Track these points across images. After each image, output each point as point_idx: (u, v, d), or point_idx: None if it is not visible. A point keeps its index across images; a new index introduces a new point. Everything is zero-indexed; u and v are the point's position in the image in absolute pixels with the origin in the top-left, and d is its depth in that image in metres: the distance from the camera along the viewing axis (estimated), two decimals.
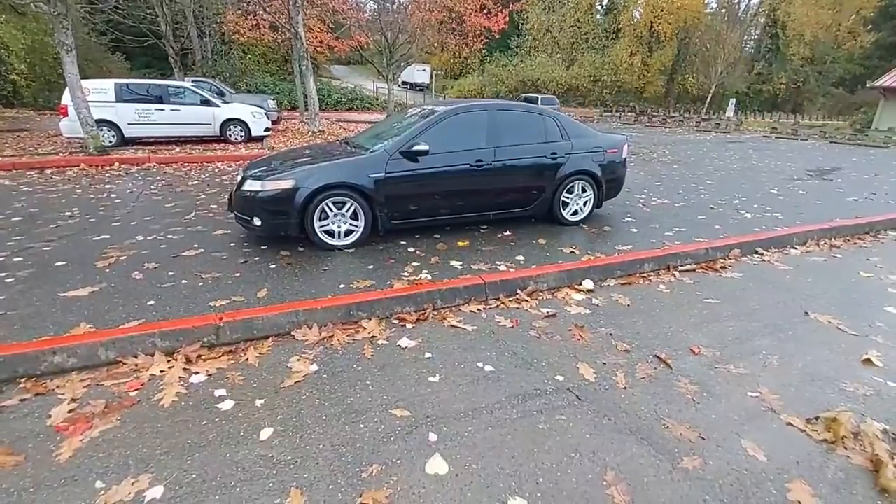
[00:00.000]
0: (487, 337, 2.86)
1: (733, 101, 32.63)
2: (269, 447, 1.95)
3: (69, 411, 2.13)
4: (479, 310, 3.19)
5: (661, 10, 38.05)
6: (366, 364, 2.54)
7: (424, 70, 37.48)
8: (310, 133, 12.55)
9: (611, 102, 37.39)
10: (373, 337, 2.80)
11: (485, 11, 19.66)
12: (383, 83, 22.07)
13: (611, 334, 2.94)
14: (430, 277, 3.55)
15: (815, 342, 2.97)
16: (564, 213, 5.06)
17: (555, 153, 4.84)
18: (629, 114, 30.26)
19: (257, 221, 4.08)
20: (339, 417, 2.13)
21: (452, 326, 2.96)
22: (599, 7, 44.61)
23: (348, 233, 4.22)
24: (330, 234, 4.16)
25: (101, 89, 10.12)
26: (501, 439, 2.02)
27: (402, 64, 24.04)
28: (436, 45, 21.81)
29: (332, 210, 4.10)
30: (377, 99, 28.13)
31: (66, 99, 9.21)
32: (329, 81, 29.33)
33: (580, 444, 2.01)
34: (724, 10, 43.91)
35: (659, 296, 3.57)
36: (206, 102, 11.19)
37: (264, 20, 16.72)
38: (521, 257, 4.06)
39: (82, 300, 3.14)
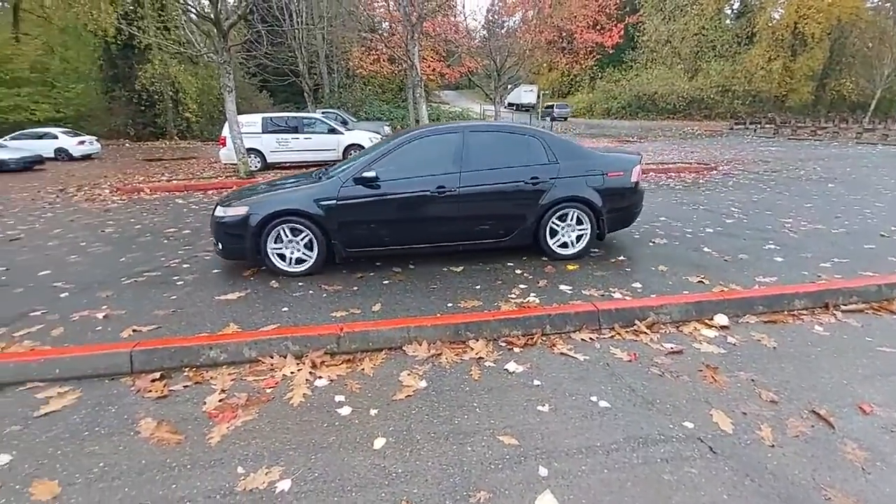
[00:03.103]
0: (601, 369, 2.67)
1: None
2: (381, 457, 2.02)
3: (219, 400, 2.46)
4: (591, 339, 3.01)
5: (808, 9, 33.40)
6: (473, 385, 2.53)
7: (531, 90, 37.56)
8: None
9: (743, 114, 33.53)
10: (480, 358, 2.79)
11: (597, 27, 19.15)
12: (490, 105, 22.56)
13: (752, 380, 2.55)
14: (538, 301, 3.45)
15: None
16: (553, 244, 4.42)
17: (536, 177, 4.26)
18: (767, 126, 26.76)
19: (220, 245, 4.23)
20: (448, 437, 2.13)
21: (562, 354, 2.82)
22: (729, 11, 40.67)
23: (300, 260, 4.16)
24: (291, 260, 4.16)
25: (251, 122, 11.90)
26: (620, 485, 1.84)
27: (510, 86, 24.41)
28: (544, 64, 21.75)
29: (286, 236, 4.07)
30: (484, 121, 28.84)
31: (226, 131, 10.98)
32: (438, 106, 30.87)
33: None
34: (888, 4, 37.06)
35: (815, 339, 3.02)
36: (332, 131, 12.51)
37: (384, 54, 18.28)
38: (637, 284, 3.76)
39: (232, 303, 3.64)
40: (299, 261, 4.18)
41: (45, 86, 24.46)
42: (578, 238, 4.44)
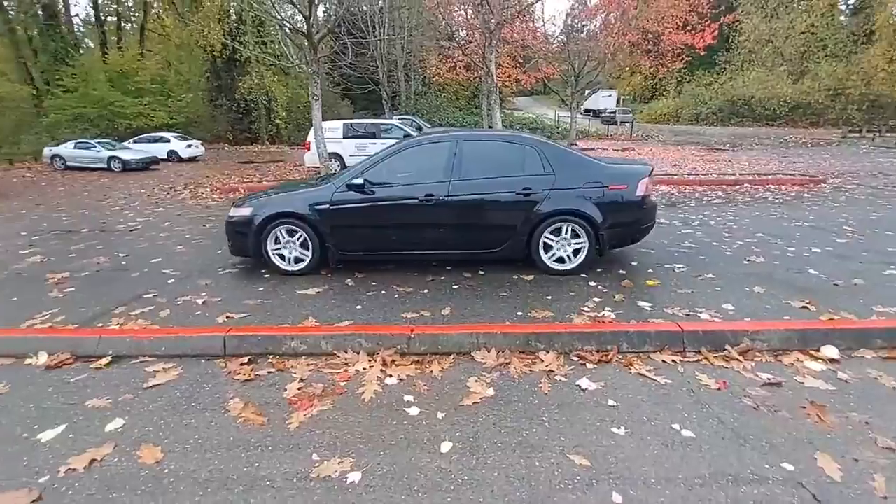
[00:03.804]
0: (685, 395, 2.47)
1: None
2: (448, 461, 2.02)
3: (298, 389, 2.61)
4: (673, 361, 2.80)
5: None
6: (542, 399, 2.46)
7: (610, 96, 36.06)
8: None
9: (860, 120, 29.62)
10: (550, 371, 2.70)
11: (687, 28, 17.99)
12: (565, 111, 22.01)
13: (867, 423, 2.22)
14: (614, 316, 3.28)
15: None
16: (546, 258, 4.21)
17: (528, 188, 4.11)
18: (888, 134, 23.44)
19: (230, 242, 4.61)
20: (514, 449, 2.09)
21: (641, 375, 2.65)
22: (843, 7, 36.19)
23: (299, 260, 4.39)
24: (290, 260, 4.41)
25: (334, 128, 12.63)
26: None
27: (587, 91, 23.67)
28: (626, 69, 20.81)
29: (284, 237, 4.33)
30: (558, 127, 28.16)
31: (311, 136, 11.76)
32: (511, 112, 30.67)
33: None
34: None
35: None
36: (407, 136, 12.89)
37: (461, 61, 18.55)
38: (729, 306, 3.44)
39: (311, 298, 3.86)
40: (297, 260, 4.42)
41: (163, 95, 27.76)
42: (576, 253, 4.22)
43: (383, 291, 3.96)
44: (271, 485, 1.92)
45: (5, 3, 23.27)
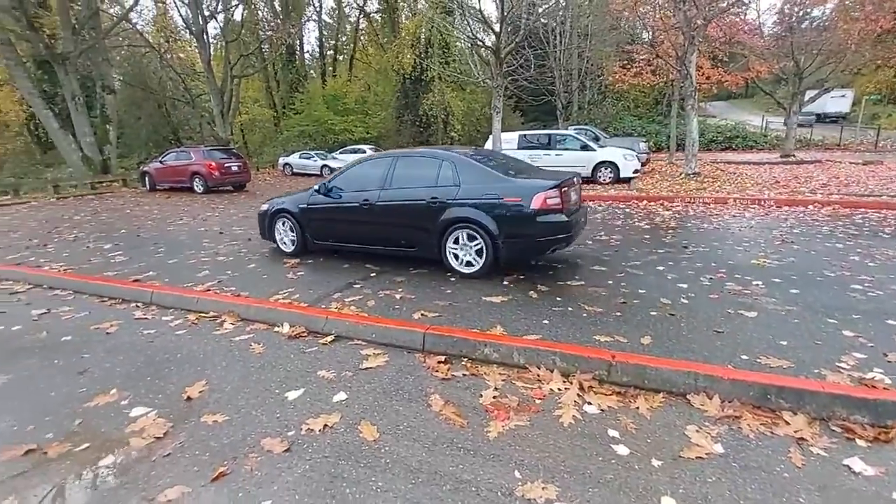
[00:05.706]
0: None
1: None
2: None
3: (493, 397, 2.61)
4: None
5: None
6: (794, 473, 1.96)
7: (843, 96, 28.85)
8: (682, 176, 11.77)
9: None
10: (801, 439, 2.15)
11: None
12: (774, 116, 18.38)
13: None
14: (889, 381, 2.48)
15: None
16: (452, 261, 4.80)
17: (434, 198, 4.74)
18: None
19: (259, 229, 6.25)
20: None
21: None
22: None
23: (293, 242, 5.86)
24: (287, 243, 5.93)
25: (509, 139, 12.87)
26: None
27: (809, 92, 19.30)
28: (875, 61, 16.38)
29: (283, 227, 5.90)
30: (765, 136, 23.71)
31: (487, 146, 12.18)
32: (704, 119, 27.04)
33: None
34: None
35: None
36: (584, 147, 12.38)
37: (650, 65, 17.09)
38: None
39: (496, 306, 3.90)
40: (292, 242, 5.87)
41: (362, 114, 32.44)
42: (475, 257, 4.65)
43: (570, 308, 3.78)
44: (477, 492, 1.93)
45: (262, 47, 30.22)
